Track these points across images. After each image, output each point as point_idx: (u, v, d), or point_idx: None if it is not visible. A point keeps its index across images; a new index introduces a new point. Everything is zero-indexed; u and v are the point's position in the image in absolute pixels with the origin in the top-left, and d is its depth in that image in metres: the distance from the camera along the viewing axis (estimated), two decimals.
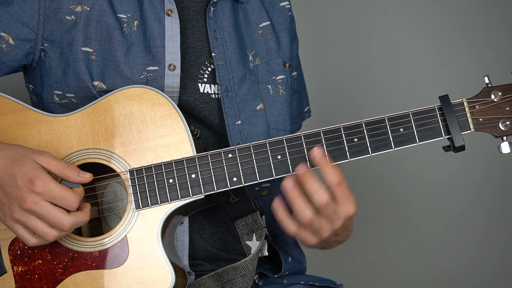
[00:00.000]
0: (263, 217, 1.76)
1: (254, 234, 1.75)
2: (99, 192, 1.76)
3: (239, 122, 1.79)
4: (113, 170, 1.67)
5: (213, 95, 1.80)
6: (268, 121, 1.83)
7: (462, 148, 1.63)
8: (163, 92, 1.72)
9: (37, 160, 1.55)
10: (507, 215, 2.86)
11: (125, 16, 1.75)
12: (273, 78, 1.87)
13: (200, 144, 1.73)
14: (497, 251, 2.88)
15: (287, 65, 1.90)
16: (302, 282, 1.86)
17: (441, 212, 2.85)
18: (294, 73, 1.95)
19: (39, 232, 1.55)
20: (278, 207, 1.59)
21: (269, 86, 1.86)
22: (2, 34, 1.73)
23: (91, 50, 1.73)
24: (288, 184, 1.57)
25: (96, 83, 1.73)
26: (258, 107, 1.83)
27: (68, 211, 1.55)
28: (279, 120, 1.85)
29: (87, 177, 1.58)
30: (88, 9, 1.74)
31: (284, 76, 1.88)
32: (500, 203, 2.86)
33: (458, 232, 2.86)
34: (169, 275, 1.62)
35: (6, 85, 2.06)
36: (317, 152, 1.58)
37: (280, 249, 1.84)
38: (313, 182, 1.55)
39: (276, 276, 1.83)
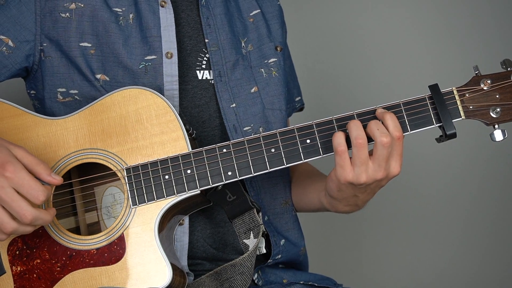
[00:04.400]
0: (260, 214, 1.76)
1: (251, 232, 1.75)
2: (98, 197, 1.78)
3: (234, 105, 1.82)
4: (110, 170, 1.69)
5: (212, 80, 1.83)
6: (263, 102, 1.86)
7: (453, 135, 1.64)
8: (163, 81, 1.76)
9: (12, 151, 1.54)
10: (508, 207, 2.85)
11: (121, 10, 1.80)
12: (266, 61, 1.91)
13: (196, 144, 1.75)
14: (498, 250, 2.85)
15: (278, 48, 1.94)
16: (301, 282, 1.85)
17: (441, 210, 2.84)
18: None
19: None
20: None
21: (262, 70, 1.90)
22: (1, 37, 1.76)
23: (89, 45, 1.78)
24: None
25: (98, 76, 1.77)
26: (252, 90, 1.86)
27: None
28: (274, 100, 1.88)
29: (57, 179, 1.56)
30: (82, 5, 1.79)
31: (276, 59, 1.93)
32: (499, 194, 2.85)
33: (458, 231, 2.85)
34: (167, 270, 1.62)
35: (5, 90, 2.10)
36: (383, 109, 1.62)
37: (274, 230, 1.84)
38: (378, 122, 1.58)
39: (269, 261, 1.82)
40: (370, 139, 1.61)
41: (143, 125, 1.69)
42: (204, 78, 1.83)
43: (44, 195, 1.51)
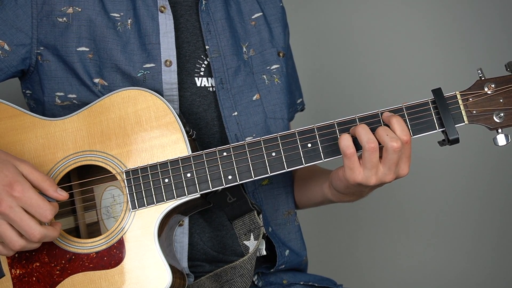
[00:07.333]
0: (261, 216, 1.76)
1: (251, 233, 1.75)
2: (98, 198, 1.77)
3: (236, 113, 1.80)
4: (109, 172, 1.68)
5: (210, 88, 1.81)
6: (265, 111, 1.84)
7: (456, 140, 1.62)
8: (162, 88, 1.74)
9: (18, 167, 1.54)
10: (507, 209, 2.85)
11: (118, 15, 1.77)
12: (268, 68, 1.89)
13: (196, 145, 1.74)
14: (497, 250, 2.86)
15: (281, 54, 1.92)
16: (301, 283, 1.85)
17: (442, 214, 2.84)
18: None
19: (6, 239, 1.51)
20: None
21: (264, 76, 1.87)
22: None
23: (87, 49, 1.75)
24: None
25: (96, 80, 1.75)
26: (254, 98, 1.84)
27: (41, 224, 1.53)
28: (276, 109, 1.86)
29: (63, 195, 1.56)
30: (80, 10, 1.76)
31: (278, 66, 1.90)
32: (497, 197, 2.85)
33: (458, 232, 2.85)
34: (166, 275, 1.61)
35: (2, 90, 2.08)
36: (389, 113, 1.60)
37: (279, 241, 1.84)
38: (386, 128, 1.57)
39: (272, 270, 1.82)
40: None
41: (142, 127, 1.68)
42: (202, 85, 1.80)
43: (51, 213, 1.53)
